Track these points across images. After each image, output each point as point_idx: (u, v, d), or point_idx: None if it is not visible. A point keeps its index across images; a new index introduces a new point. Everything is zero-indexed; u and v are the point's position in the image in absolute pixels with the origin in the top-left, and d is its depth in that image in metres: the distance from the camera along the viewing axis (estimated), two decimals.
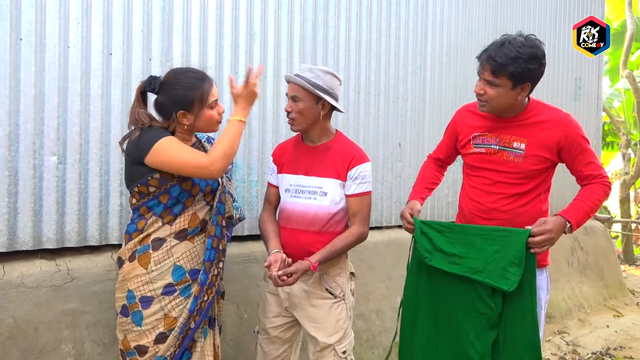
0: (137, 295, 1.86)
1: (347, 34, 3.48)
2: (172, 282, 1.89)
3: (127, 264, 1.89)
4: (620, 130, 10.27)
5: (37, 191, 2.29)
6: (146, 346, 1.86)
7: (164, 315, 1.88)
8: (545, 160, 2.08)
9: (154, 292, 1.87)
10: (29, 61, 2.25)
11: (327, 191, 2.16)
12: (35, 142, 2.27)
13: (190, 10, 2.72)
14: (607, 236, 6.27)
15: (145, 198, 1.89)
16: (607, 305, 5.48)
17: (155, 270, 1.87)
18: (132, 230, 1.92)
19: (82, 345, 2.31)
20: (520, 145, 2.08)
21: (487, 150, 2.15)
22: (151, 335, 1.86)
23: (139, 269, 1.87)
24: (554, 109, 2.12)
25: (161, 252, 1.88)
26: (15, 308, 2.19)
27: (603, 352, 4.14)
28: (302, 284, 2.15)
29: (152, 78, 1.92)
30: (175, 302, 1.89)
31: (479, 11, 4.49)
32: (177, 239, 1.92)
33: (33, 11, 2.25)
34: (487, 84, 2.01)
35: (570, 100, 5.63)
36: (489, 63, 1.96)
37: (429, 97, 4.03)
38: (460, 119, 2.29)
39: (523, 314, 1.99)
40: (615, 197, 10.17)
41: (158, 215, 1.90)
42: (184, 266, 1.92)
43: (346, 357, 2.17)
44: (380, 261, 3.57)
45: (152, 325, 1.86)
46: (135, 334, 1.87)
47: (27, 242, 2.28)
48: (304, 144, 2.26)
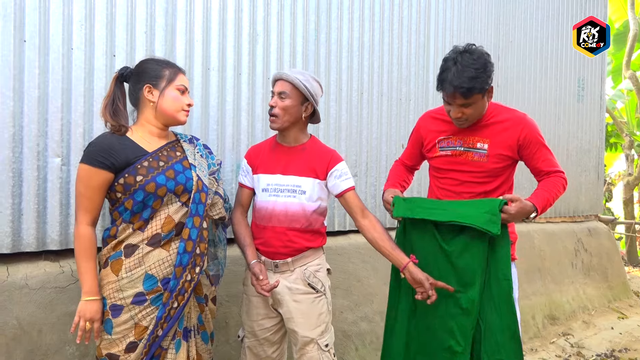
0: (108, 303, 1.83)
1: (350, 35, 3.48)
2: (143, 292, 1.83)
3: (101, 270, 1.87)
4: (624, 132, 10.24)
5: (41, 192, 2.29)
6: (117, 355, 1.82)
7: (134, 325, 1.83)
8: (507, 158, 2.21)
9: (123, 300, 1.82)
10: (33, 63, 2.25)
11: (305, 189, 2.20)
12: (39, 143, 2.28)
13: (193, 12, 2.72)
14: (611, 238, 6.25)
15: (116, 204, 1.87)
16: (611, 307, 5.45)
17: (125, 277, 1.82)
18: (105, 235, 1.89)
19: (86, 346, 2.31)
20: (483, 145, 2.21)
21: (453, 152, 2.27)
22: (122, 344, 1.82)
23: (111, 275, 1.83)
24: (510, 109, 2.25)
25: (133, 259, 1.83)
26: (19, 309, 2.19)
27: (608, 354, 4.12)
28: (284, 281, 2.20)
29: (125, 67, 1.99)
30: (145, 311, 1.83)
31: (482, 12, 4.49)
32: (150, 246, 1.85)
33: (37, 13, 2.25)
34: (462, 107, 2.12)
35: (573, 101, 5.62)
36: (458, 91, 2.05)
37: (432, 98, 4.03)
38: (425, 125, 2.41)
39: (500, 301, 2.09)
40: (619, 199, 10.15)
41: (127, 221, 1.85)
42: (156, 275, 1.84)
43: (329, 350, 2.22)
44: (384, 263, 3.55)
45: (122, 334, 1.82)
46: (107, 341, 1.83)
47: (31, 244, 2.28)
48: (280, 145, 2.29)
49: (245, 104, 2.95)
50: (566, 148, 5.49)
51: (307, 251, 2.23)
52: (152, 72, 1.91)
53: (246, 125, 2.96)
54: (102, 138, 1.87)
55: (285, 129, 2.23)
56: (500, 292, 2.09)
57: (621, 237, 10.69)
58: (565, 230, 5.45)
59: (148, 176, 1.83)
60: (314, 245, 2.25)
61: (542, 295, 4.73)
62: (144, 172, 1.84)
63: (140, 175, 1.83)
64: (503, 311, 2.09)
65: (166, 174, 1.88)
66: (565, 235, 5.39)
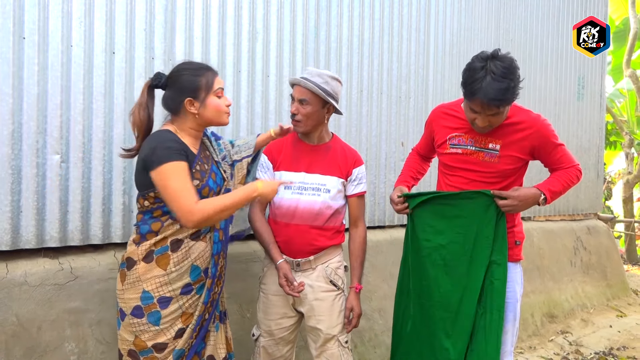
0: (156, 296, 1.86)
1: (350, 33, 3.48)
2: (190, 282, 1.92)
3: (141, 264, 1.87)
4: (624, 130, 10.24)
5: (40, 190, 2.30)
6: (165, 343, 1.88)
7: (181, 313, 1.91)
8: (519, 160, 2.19)
9: (173, 292, 1.89)
10: (32, 60, 2.25)
11: (330, 188, 2.24)
12: (38, 140, 2.28)
13: (192, 9, 2.72)
14: (610, 236, 6.26)
15: (161, 202, 1.89)
16: (610, 305, 5.46)
17: (174, 271, 1.88)
18: (145, 231, 1.90)
19: (85, 343, 2.32)
20: (495, 146, 2.18)
21: (464, 151, 2.24)
22: (169, 332, 1.89)
23: (157, 269, 1.87)
24: (525, 110, 2.21)
25: (180, 253, 1.90)
26: (19, 306, 2.19)
27: (606, 352, 4.13)
28: (306, 279, 2.22)
29: (158, 74, 1.96)
30: (192, 299, 1.93)
31: (482, 10, 4.48)
32: (193, 240, 1.94)
33: (36, 10, 2.25)
34: (491, 117, 2.06)
35: (573, 100, 5.62)
36: (493, 103, 1.98)
37: (431, 96, 4.03)
38: (437, 120, 2.37)
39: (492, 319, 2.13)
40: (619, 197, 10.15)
41: (175, 219, 1.89)
42: (200, 265, 1.95)
43: (348, 347, 2.27)
44: (382, 260, 3.57)
45: (170, 323, 1.89)
46: (152, 333, 1.87)
47: (31, 241, 2.28)
48: (303, 142, 2.29)
49: (244, 102, 2.95)
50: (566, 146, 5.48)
51: (328, 248, 2.26)
52: (191, 84, 1.91)
53: (245, 122, 2.96)
54: (167, 135, 1.87)
55: (310, 132, 2.25)
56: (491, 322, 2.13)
57: (620, 235, 10.70)
58: (564, 229, 5.45)
59: (203, 180, 1.92)
60: (334, 243, 2.29)
61: (541, 293, 4.74)
62: (199, 176, 1.92)
63: (197, 179, 1.90)
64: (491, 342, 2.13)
65: (212, 176, 1.98)
66: (564, 234, 5.40)
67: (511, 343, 2.25)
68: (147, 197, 1.90)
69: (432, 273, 2.23)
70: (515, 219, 2.26)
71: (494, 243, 2.13)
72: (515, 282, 2.25)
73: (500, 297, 2.13)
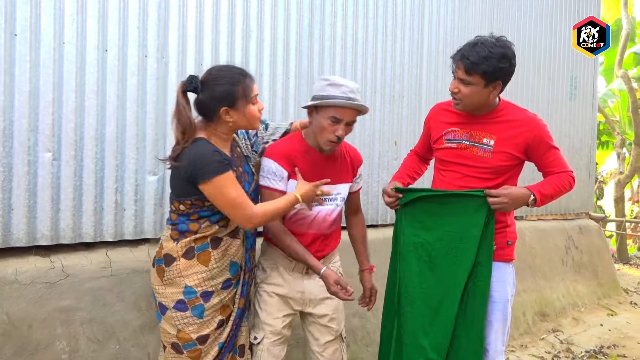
0: (199, 291, 1.93)
1: (344, 31, 3.48)
2: (230, 277, 2.02)
3: (182, 260, 1.92)
4: (615, 130, 10.32)
5: (32, 187, 2.28)
6: (208, 335, 1.96)
7: (222, 306, 2.00)
8: (513, 157, 2.19)
9: (214, 287, 1.97)
10: (24, 57, 2.24)
11: (344, 195, 2.29)
12: (29, 138, 2.27)
13: (186, 7, 2.71)
14: (601, 235, 6.30)
15: (198, 208, 1.92)
16: (601, 304, 5.50)
17: (216, 267, 1.96)
18: (184, 229, 1.94)
19: (76, 342, 2.31)
20: (489, 141, 2.19)
21: (458, 146, 2.25)
22: (211, 324, 1.97)
23: (199, 266, 1.93)
24: (522, 109, 2.24)
25: (220, 250, 1.97)
26: (9, 305, 2.18)
27: (597, 351, 4.16)
28: (314, 281, 2.22)
29: (192, 77, 1.89)
30: (231, 293, 2.04)
31: (475, 10, 4.49)
32: (232, 237, 2.02)
33: (28, 7, 2.23)
34: (460, 83, 2.11)
35: (565, 100, 5.65)
36: (463, 62, 2.06)
37: (425, 95, 4.04)
38: (434, 116, 2.40)
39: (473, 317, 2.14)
40: (610, 197, 10.23)
41: (214, 222, 1.96)
42: (238, 261, 2.05)
43: (344, 340, 2.33)
44: (375, 259, 3.54)
45: (211, 315, 1.97)
46: (197, 326, 1.94)
47: (22, 239, 2.27)
48: (315, 151, 2.19)
49: None
50: (558, 146, 5.51)
51: (333, 250, 2.31)
52: (228, 94, 1.87)
53: None
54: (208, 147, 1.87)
55: None
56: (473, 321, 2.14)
57: (612, 234, 10.78)
58: (556, 228, 5.48)
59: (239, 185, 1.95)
60: (337, 244, 2.34)
61: (533, 292, 4.77)
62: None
63: None
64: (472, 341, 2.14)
65: (245, 178, 2.04)
66: (556, 233, 5.43)
67: (502, 342, 2.25)
68: (182, 202, 1.92)
69: (416, 268, 2.23)
70: (508, 219, 2.26)
71: (481, 244, 2.12)
72: (507, 283, 2.24)
73: (483, 297, 2.13)
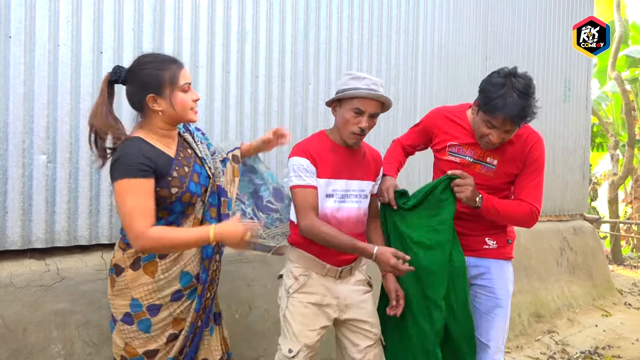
0: (145, 304, 1.80)
1: (339, 34, 3.49)
2: (180, 288, 1.85)
3: (129, 272, 1.80)
4: (609, 132, 10.38)
5: (27, 190, 2.27)
6: (156, 350, 1.83)
7: (172, 319, 1.85)
8: (513, 175, 2.20)
9: (162, 299, 1.82)
10: (19, 59, 2.23)
11: (367, 193, 2.20)
12: (24, 140, 2.26)
13: (181, 9, 2.71)
14: (595, 236, 6.33)
15: None
16: (595, 304, 5.53)
17: (163, 278, 1.81)
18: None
19: (71, 345, 2.30)
20: (493, 161, 2.19)
21: (462, 161, 2.24)
22: (161, 339, 1.83)
23: (145, 277, 1.79)
24: (526, 125, 2.17)
25: (169, 260, 1.81)
26: (4, 308, 2.17)
27: (592, 352, 4.17)
28: (347, 286, 2.15)
29: (117, 67, 1.78)
30: (184, 305, 1.86)
31: (470, 13, 4.52)
32: None
33: (22, 9, 2.23)
34: (505, 133, 2.04)
35: (559, 102, 5.68)
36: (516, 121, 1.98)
37: (420, 97, 4.05)
38: (439, 124, 2.33)
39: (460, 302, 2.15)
40: (604, 198, 10.28)
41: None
42: (191, 271, 1.87)
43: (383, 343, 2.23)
44: None
45: (161, 330, 1.83)
46: (143, 340, 1.82)
47: (16, 242, 2.26)
48: (342, 147, 2.14)
49: (233, 102, 2.94)
50: (552, 148, 5.54)
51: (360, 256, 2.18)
52: (152, 79, 1.74)
53: (234, 123, 2.95)
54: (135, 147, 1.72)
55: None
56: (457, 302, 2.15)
57: (606, 236, 10.83)
58: (550, 229, 5.51)
59: (182, 187, 1.80)
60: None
61: (528, 293, 4.78)
62: (177, 183, 1.79)
63: (175, 187, 1.78)
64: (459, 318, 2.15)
65: (193, 180, 1.85)
66: (551, 234, 5.45)
67: (502, 340, 2.26)
68: None
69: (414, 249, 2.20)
70: None
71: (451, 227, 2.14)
72: (508, 280, 2.27)
73: (463, 277, 2.15)
